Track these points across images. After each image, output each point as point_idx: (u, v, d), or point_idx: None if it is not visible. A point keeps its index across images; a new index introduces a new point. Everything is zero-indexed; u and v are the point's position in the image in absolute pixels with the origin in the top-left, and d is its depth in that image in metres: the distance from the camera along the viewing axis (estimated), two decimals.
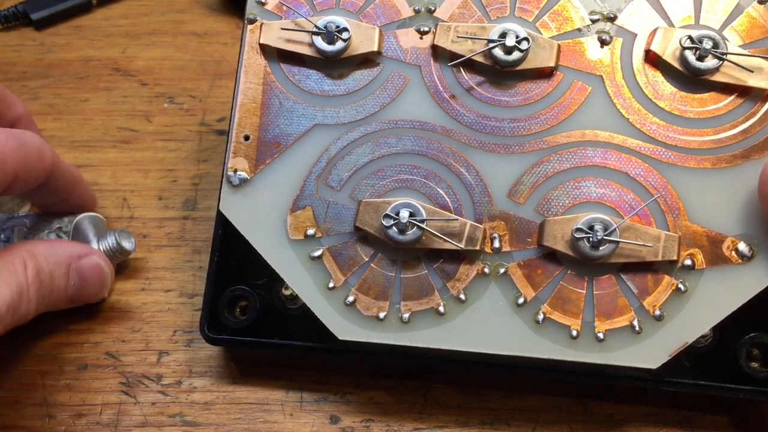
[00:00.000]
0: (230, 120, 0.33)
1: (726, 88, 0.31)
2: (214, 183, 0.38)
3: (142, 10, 0.45)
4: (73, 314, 0.35)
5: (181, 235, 0.37)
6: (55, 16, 0.44)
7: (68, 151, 0.40)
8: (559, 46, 0.31)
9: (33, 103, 0.42)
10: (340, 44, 0.32)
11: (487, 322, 0.30)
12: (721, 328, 0.30)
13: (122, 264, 0.37)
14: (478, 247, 0.30)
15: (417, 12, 0.33)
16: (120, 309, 0.35)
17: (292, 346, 0.31)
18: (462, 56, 0.31)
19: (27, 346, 0.34)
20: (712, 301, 0.29)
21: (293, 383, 0.33)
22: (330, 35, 0.32)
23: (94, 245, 0.35)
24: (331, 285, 0.31)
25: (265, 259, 0.31)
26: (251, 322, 0.31)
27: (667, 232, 0.30)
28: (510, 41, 0.31)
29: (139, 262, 0.37)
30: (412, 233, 0.30)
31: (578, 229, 0.29)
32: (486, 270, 0.30)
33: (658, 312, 0.29)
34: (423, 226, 0.30)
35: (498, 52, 0.31)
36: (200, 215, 0.38)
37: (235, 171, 0.32)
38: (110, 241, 0.35)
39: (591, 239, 0.29)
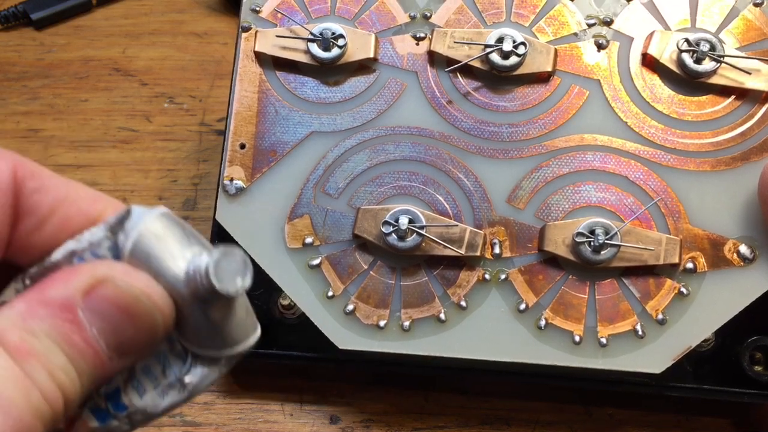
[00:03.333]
0: (226, 129, 0.30)
1: (724, 91, 0.29)
2: (214, 183, 0.36)
3: (142, 10, 0.43)
4: None
5: None
6: (55, 16, 0.42)
7: (68, 151, 0.38)
8: (556, 50, 0.29)
9: (33, 103, 0.39)
10: (335, 51, 0.30)
11: (488, 329, 0.28)
12: (723, 332, 0.28)
13: None
14: (478, 253, 0.28)
15: (413, 18, 0.31)
16: None
17: (291, 356, 0.29)
18: (459, 62, 0.29)
19: None
20: (714, 305, 0.27)
21: (293, 384, 0.32)
22: (325, 42, 0.30)
23: (171, 273, 0.17)
24: (330, 294, 0.28)
25: (263, 268, 0.29)
26: None
27: (668, 236, 0.27)
28: (507, 46, 0.29)
29: None
30: (411, 240, 0.28)
31: (579, 234, 0.27)
32: (487, 276, 0.28)
33: (660, 316, 0.27)
34: (423, 232, 0.28)
35: (495, 57, 0.29)
36: (200, 215, 0.36)
37: (232, 180, 0.30)
38: (195, 266, 0.17)
39: (592, 243, 0.27)
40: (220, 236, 0.30)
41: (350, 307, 0.28)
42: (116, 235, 0.17)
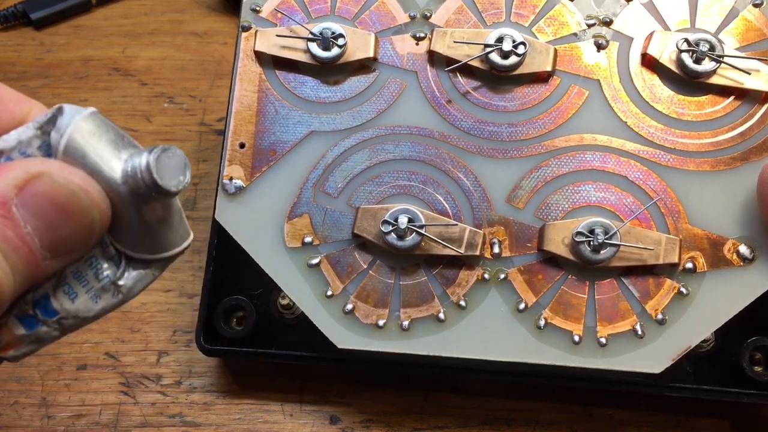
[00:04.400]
0: (225, 128, 0.30)
1: (723, 91, 0.28)
2: (214, 183, 0.36)
3: (141, 10, 0.42)
4: None
5: None
6: (55, 15, 0.41)
7: None
8: (555, 50, 0.29)
9: None
10: (335, 50, 0.29)
11: (487, 329, 0.27)
12: (723, 332, 0.27)
13: None
14: (477, 253, 0.28)
15: (412, 18, 0.30)
16: (119, 309, 0.33)
17: (291, 356, 0.29)
18: (458, 61, 0.29)
19: None
20: (714, 305, 0.27)
21: (293, 384, 0.31)
22: (325, 41, 0.29)
23: (108, 171, 0.17)
24: (329, 293, 0.28)
25: (262, 267, 0.29)
26: (248, 332, 0.29)
27: (668, 235, 0.27)
28: (507, 46, 0.28)
29: None
30: (411, 239, 0.27)
31: (579, 233, 0.27)
32: (486, 276, 0.28)
33: (660, 316, 0.27)
34: (422, 231, 0.27)
35: (495, 57, 0.28)
36: (200, 215, 0.35)
37: (231, 179, 0.29)
38: (135, 164, 0.17)
39: (592, 243, 0.27)
40: (219, 236, 0.29)
41: (349, 306, 0.28)
42: (47, 134, 0.17)
